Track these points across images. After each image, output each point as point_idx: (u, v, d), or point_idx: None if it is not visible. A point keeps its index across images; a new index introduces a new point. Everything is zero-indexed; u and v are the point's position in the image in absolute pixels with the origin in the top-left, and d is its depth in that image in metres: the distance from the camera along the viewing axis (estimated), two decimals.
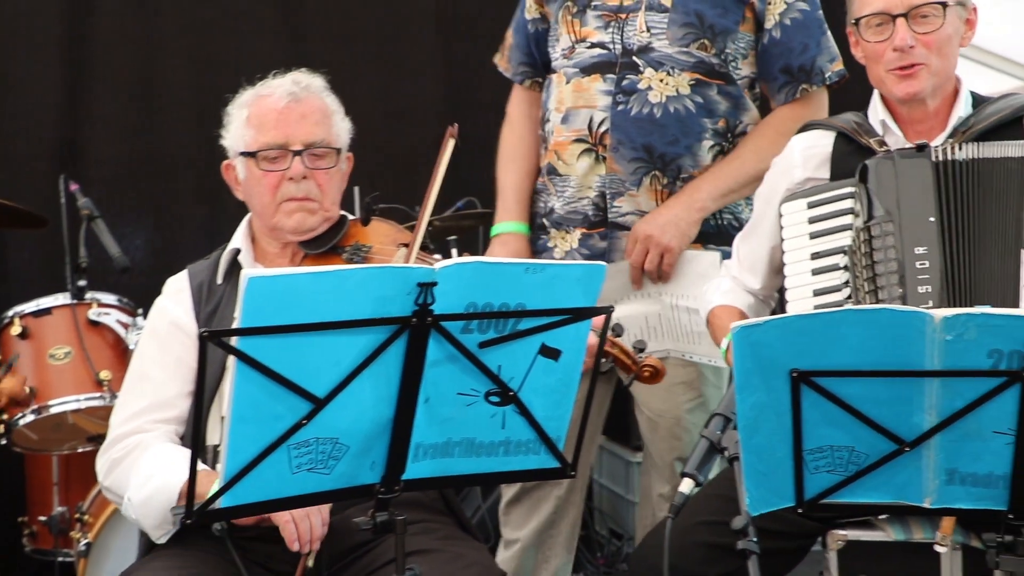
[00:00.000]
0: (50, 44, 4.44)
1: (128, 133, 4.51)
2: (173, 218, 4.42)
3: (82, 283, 3.75)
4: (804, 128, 2.84)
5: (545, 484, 3.29)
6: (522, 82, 3.32)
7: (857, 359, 1.87)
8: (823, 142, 2.74)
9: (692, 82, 3.13)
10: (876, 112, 2.73)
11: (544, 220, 3.22)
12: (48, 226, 3.92)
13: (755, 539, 2.16)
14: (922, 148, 2.53)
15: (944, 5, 2.60)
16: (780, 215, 2.66)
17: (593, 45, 3.12)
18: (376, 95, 3.42)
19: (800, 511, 2.02)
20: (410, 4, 4.61)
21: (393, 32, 4.62)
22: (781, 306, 2.79)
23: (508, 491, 3.41)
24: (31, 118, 4.43)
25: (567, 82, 3.14)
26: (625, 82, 3.10)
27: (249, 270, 1.88)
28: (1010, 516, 1.97)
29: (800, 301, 2.60)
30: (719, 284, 2.92)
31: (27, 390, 2.55)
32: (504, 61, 3.35)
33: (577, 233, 3.16)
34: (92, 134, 4.46)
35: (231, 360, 1.88)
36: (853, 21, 2.70)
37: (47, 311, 3.74)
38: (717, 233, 3.19)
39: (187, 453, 2.40)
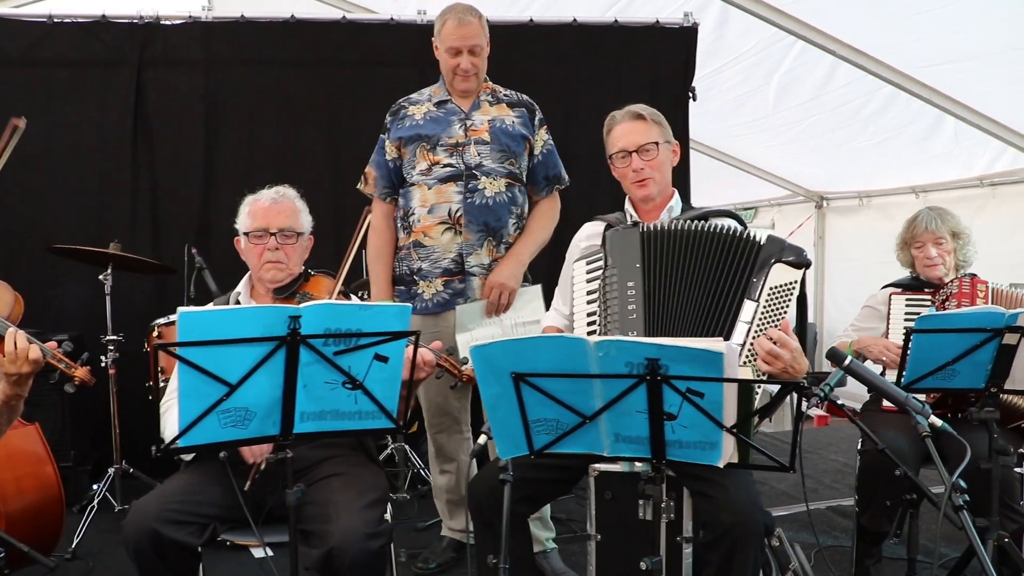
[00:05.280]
0: (195, 165, 4.37)
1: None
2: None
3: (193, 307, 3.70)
4: (591, 219, 2.70)
5: (448, 446, 3.24)
6: (385, 199, 3.15)
7: (551, 366, 1.73)
8: (599, 227, 2.60)
9: (506, 184, 3.05)
10: (628, 210, 2.60)
11: (414, 276, 3.08)
12: (176, 273, 3.86)
13: (511, 473, 2.04)
14: (635, 224, 2.40)
15: (657, 144, 2.50)
16: (573, 270, 2.52)
17: (446, 166, 3.01)
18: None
19: (532, 456, 1.88)
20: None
21: None
22: None
23: (430, 449, 3.33)
24: (179, 213, 4.35)
25: (429, 188, 3.02)
26: (471, 185, 3.00)
27: (183, 307, 1.77)
28: (653, 460, 1.84)
29: (580, 321, 2.44)
30: (551, 312, 2.78)
31: (93, 379, 2.46)
32: (370, 188, 3.18)
33: (439, 281, 3.04)
34: (216, 220, 4.36)
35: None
36: (609, 157, 2.59)
37: (173, 322, 3.63)
38: None
39: None
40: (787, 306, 2.21)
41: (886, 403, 3.04)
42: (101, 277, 3.55)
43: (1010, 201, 5.65)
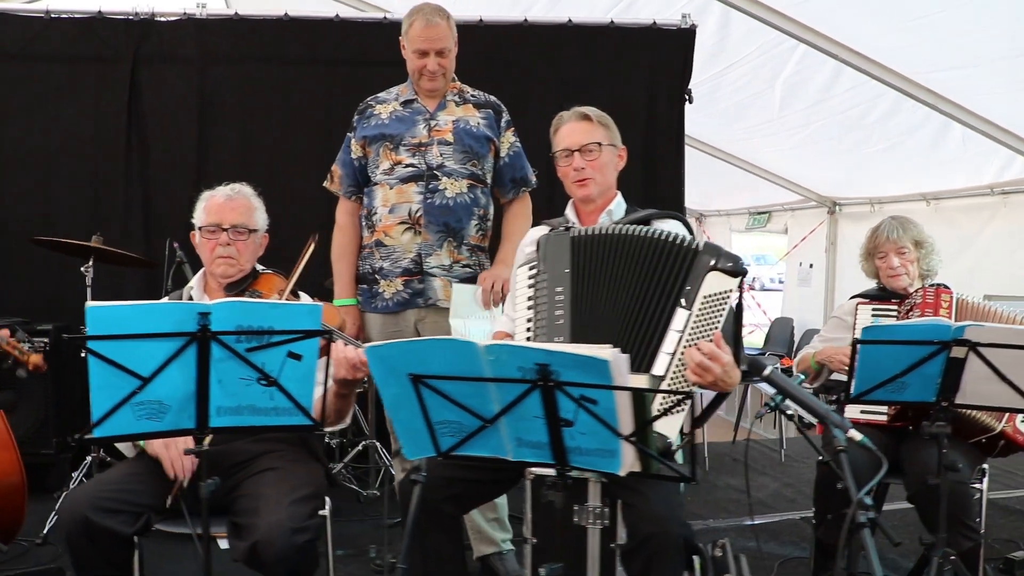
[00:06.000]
0: (188, 161, 4.43)
1: None
2: None
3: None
4: (536, 224, 2.70)
5: None
6: (350, 197, 3.18)
7: (447, 368, 1.72)
8: (544, 231, 2.54)
9: (469, 185, 3.05)
10: (569, 213, 2.59)
11: (376, 275, 3.08)
12: (156, 267, 3.91)
13: (423, 473, 2.05)
14: (567, 229, 2.38)
15: (600, 144, 2.48)
16: (516, 276, 2.49)
17: (408, 165, 3.02)
18: None
19: (440, 457, 1.89)
20: None
21: None
22: None
23: (393, 447, 3.33)
24: (172, 208, 4.38)
25: (391, 188, 3.03)
26: (431, 185, 3.00)
27: (91, 302, 1.81)
28: (558, 468, 1.83)
29: (520, 327, 2.39)
30: (502, 317, 2.73)
31: (45, 365, 2.49)
32: (336, 186, 3.21)
33: (399, 280, 3.05)
34: None
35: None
36: (552, 155, 2.58)
37: None
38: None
39: None
40: (721, 315, 2.16)
41: (848, 413, 2.99)
42: (83, 269, 3.63)
43: (1021, 210, 5.53)
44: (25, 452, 3.83)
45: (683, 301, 2.18)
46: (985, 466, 2.89)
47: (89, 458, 3.75)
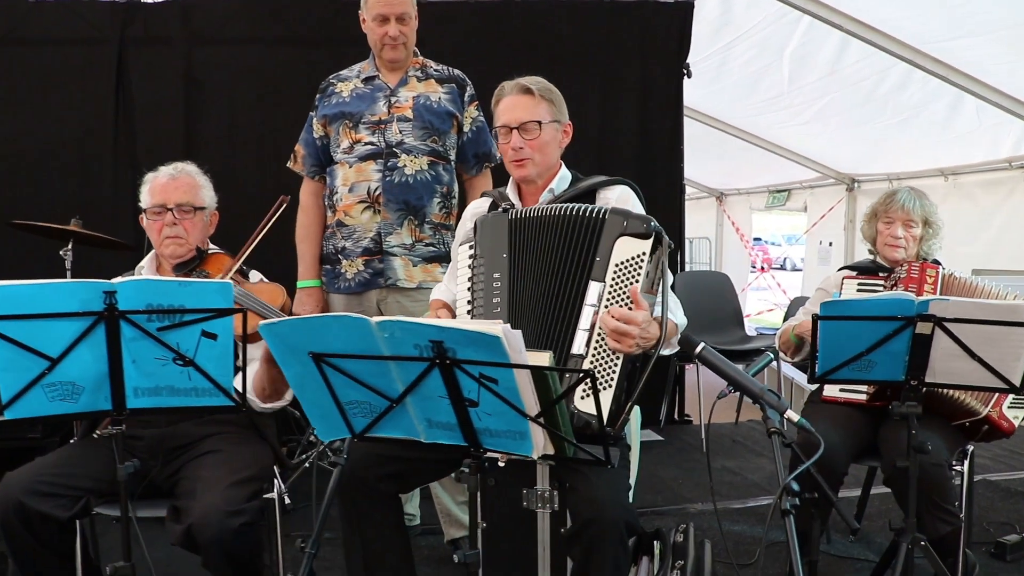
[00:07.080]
0: (176, 144, 4.40)
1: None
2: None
3: None
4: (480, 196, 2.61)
5: None
6: (313, 177, 3.13)
7: (344, 346, 1.65)
8: (483, 205, 2.48)
9: (429, 162, 2.98)
10: (511, 192, 2.45)
11: (339, 255, 3.04)
12: (134, 249, 3.88)
13: (345, 455, 1.99)
14: (506, 211, 2.27)
15: (540, 123, 2.33)
16: (458, 253, 2.38)
17: (367, 144, 2.96)
18: None
19: (356, 439, 1.82)
20: None
21: None
22: None
23: None
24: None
25: (350, 167, 2.98)
26: (390, 163, 2.94)
27: None
28: (471, 449, 1.75)
29: (461, 307, 2.29)
30: (440, 285, 2.62)
31: None
32: (299, 166, 3.16)
33: (360, 260, 2.99)
34: None
35: None
36: (492, 130, 2.47)
37: None
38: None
39: None
40: (637, 280, 2.05)
41: (827, 392, 2.88)
42: (61, 252, 3.61)
43: None
44: (12, 436, 3.88)
45: (595, 273, 2.09)
46: (970, 448, 2.75)
47: (72, 442, 3.77)
